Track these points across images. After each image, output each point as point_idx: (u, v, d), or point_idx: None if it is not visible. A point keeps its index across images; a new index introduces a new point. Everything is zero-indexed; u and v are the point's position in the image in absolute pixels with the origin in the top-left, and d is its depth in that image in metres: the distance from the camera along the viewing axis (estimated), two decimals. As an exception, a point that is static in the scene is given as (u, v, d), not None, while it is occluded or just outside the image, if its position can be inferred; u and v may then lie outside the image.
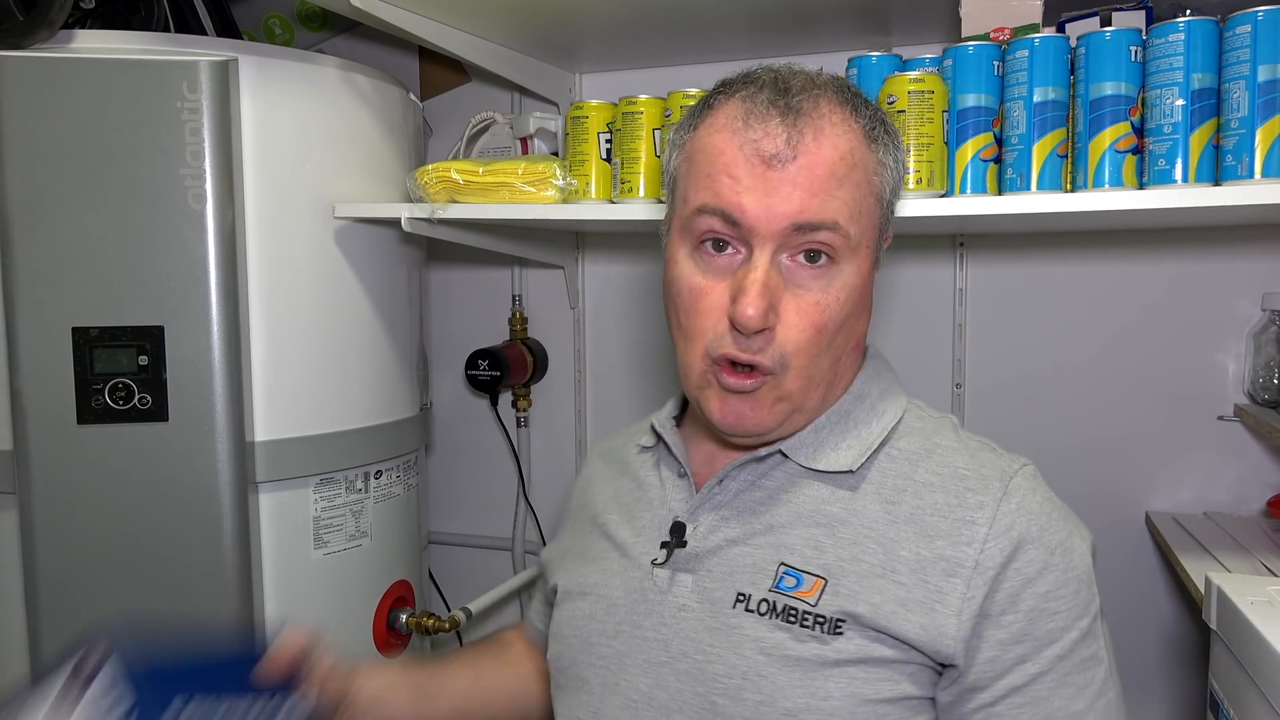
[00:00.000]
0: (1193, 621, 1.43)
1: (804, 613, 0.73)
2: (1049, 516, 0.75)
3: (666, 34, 1.45)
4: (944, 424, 0.83)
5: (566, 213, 1.27)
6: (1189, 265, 1.41)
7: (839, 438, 0.80)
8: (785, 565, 0.75)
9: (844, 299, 0.75)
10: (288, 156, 1.24)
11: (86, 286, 1.14)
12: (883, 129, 0.78)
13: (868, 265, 0.78)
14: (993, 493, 0.74)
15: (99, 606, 1.17)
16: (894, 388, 0.85)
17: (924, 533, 0.74)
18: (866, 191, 0.75)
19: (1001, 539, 0.73)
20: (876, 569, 0.74)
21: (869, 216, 0.76)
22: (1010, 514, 0.74)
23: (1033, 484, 0.77)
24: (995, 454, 0.79)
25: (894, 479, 0.78)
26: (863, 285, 0.77)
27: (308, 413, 1.27)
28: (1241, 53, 0.93)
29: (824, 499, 0.78)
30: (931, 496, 0.76)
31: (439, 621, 1.43)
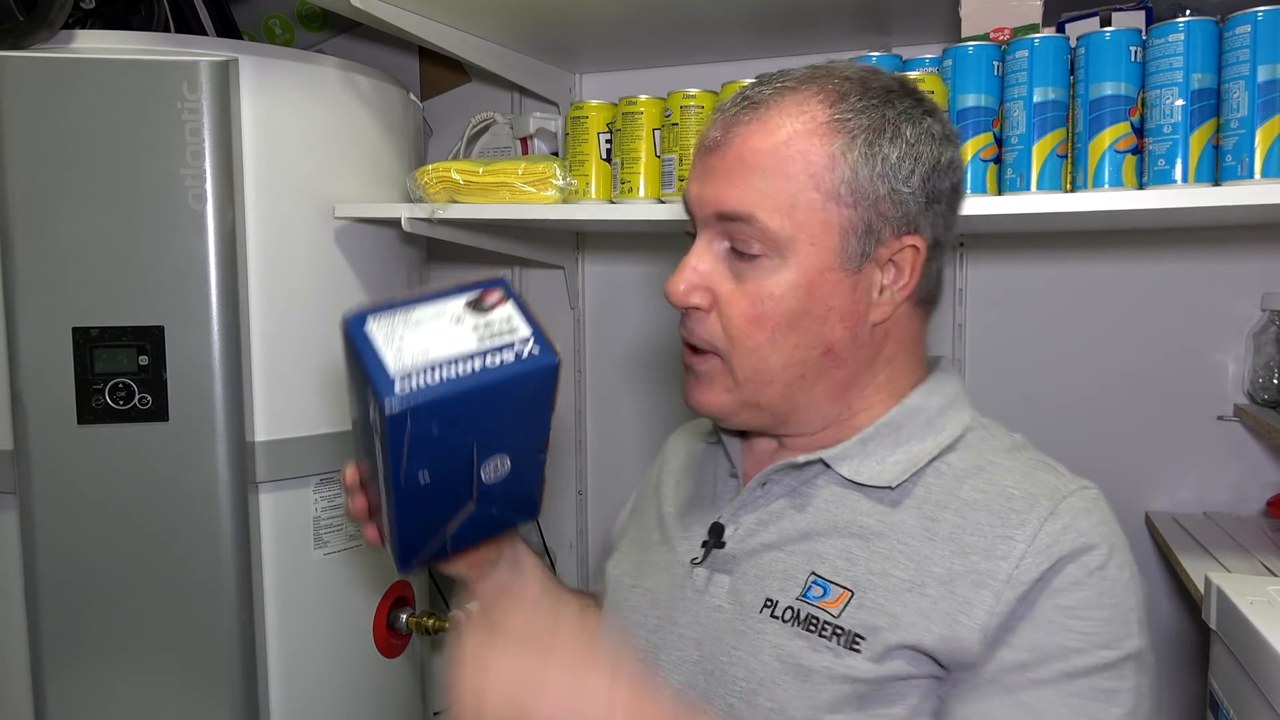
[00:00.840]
0: (1193, 621, 1.43)
1: (825, 623, 0.72)
2: (1102, 539, 0.70)
3: (666, 34, 1.45)
4: (1005, 442, 0.78)
5: (566, 213, 1.27)
6: (1189, 265, 1.41)
7: (887, 451, 0.76)
8: (815, 574, 0.74)
9: (780, 295, 0.71)
10: (288, 156, 1.24)
11: (86, 286, 1.14)
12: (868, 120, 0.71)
13: (818, 264, 0.71)
14: (1039, 511, 0.71)
15: (99, 606, 1.17)
16: (958, 403, 0.80)
17: (960, 549, 0.71)
18: (804, 186, 0.70)
19: (1040, 555, 0.69)
20: (905, 584, 0.71)
21: (810, 212, 0.70)
22: (1055, 532, 0.69)
23: (1090, 506, 0.72)
24: (1054, 474, 0.75)
25: (938, 494, 0.74)
26: (810, 286, 0.71)
27: (308, 413, 1.27)
28: (1241, 53, 0.93)
29: (863, 511, 0.75)
30: (974, 515, 0.72)
31: (439, 621, 1.43)
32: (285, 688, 1.26)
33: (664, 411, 1.72)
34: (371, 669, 1.39)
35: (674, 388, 1.71)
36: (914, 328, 0.79)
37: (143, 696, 1.18)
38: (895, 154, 0.71)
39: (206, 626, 1.18)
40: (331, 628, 1.32)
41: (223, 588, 1.18)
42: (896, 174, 0.72)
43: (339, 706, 1.34)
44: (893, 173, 0.72)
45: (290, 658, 1.27)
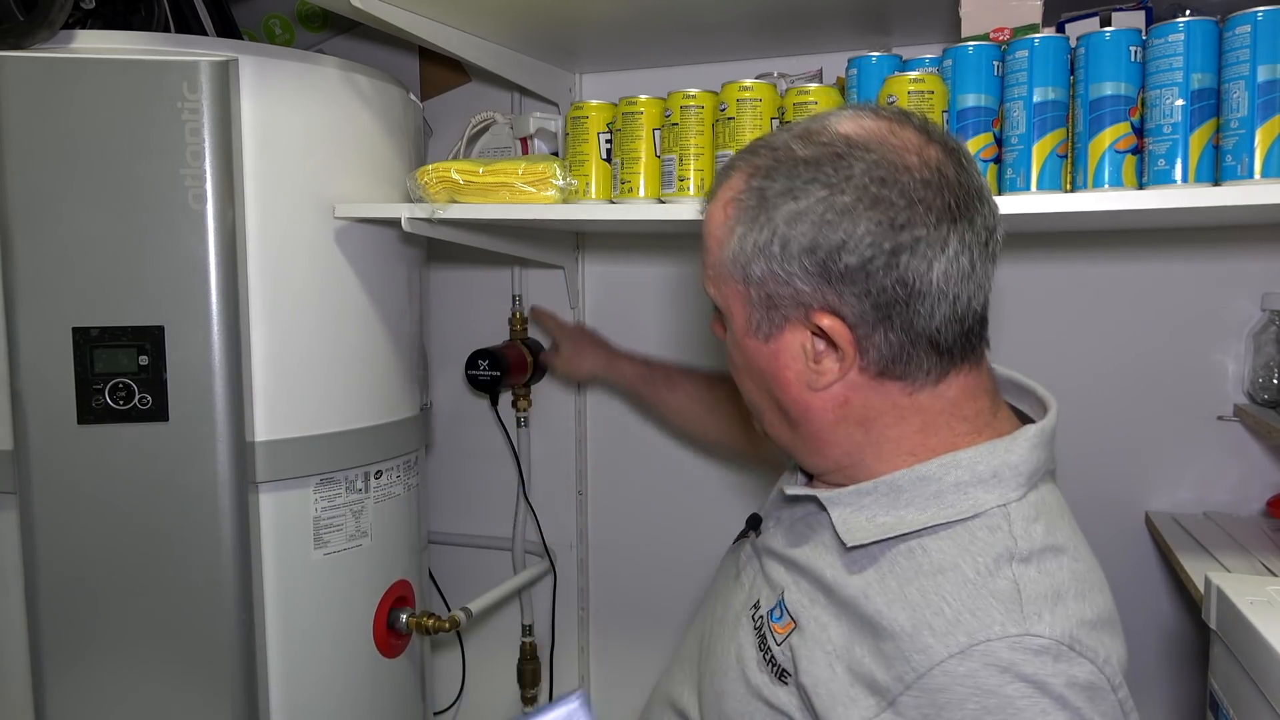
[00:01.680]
0: (1193, 621, 1.43)
1: (769, 647, 0.76)
2: (1007, 705, 0.61)
3: (666, 34, 1.45)
4: (1001, 551, 0.68)
5: (566, 213, 1.27)
6: (1189, 265, 1.41)
7: (879, 510, 0.73)
8: (784, 597, 0.77)
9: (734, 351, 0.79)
10: (288, 156, 1.24)
11: (86, 286, 1.14)
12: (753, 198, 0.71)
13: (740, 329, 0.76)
14: (949, 645, 0.64)
15: (99, 606, 1.17)
16: (992, 483, 0.71)
17: (876, 648, 0.68)
18: (717, 258, 0.75)
19: (921, 696, 0.64)
20: (831, 647, 0.71)
21: (725, 284, 0.75)
22: (951, 675, 0.63)
23: (1019, 660, 0.62)
24: (1010, 608, 0.64)
25: (890, 579, 0.70)
26: (743, 349, 0.77)
27: (308, 413, 1.27)
28: (1241, 53, 0.93)
29: (829, 563, 0.75)
30: (896, 616, 0.67)
31: (439, 621, 1.43)
32: (285, 688, 1.26)
33: (664, 411, 1.72)
34: (371, 669, 1.39)
35: (674, 388, 1.71)
36: (886, 401, 0.73)
37: (143, 696, 1.18)
38: (765, 236, 0.70)
39: (206, 626, 1.18)
40: (331, 628, 1.32)
41: (223, 588, 1.18)
42: (771, 257, 0.70)
43: (339, 706, 1.34)
44: (765, 256, 0.70)
45: (290, 658, 1.27)
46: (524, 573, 1.76)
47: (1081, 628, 0.65)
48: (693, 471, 1.71)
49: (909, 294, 0.68)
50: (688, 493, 1.71)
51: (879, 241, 0.67)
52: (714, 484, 1.70)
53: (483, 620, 1.86)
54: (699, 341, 1.67)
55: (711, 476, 1.70)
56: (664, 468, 1.73)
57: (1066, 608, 0.66)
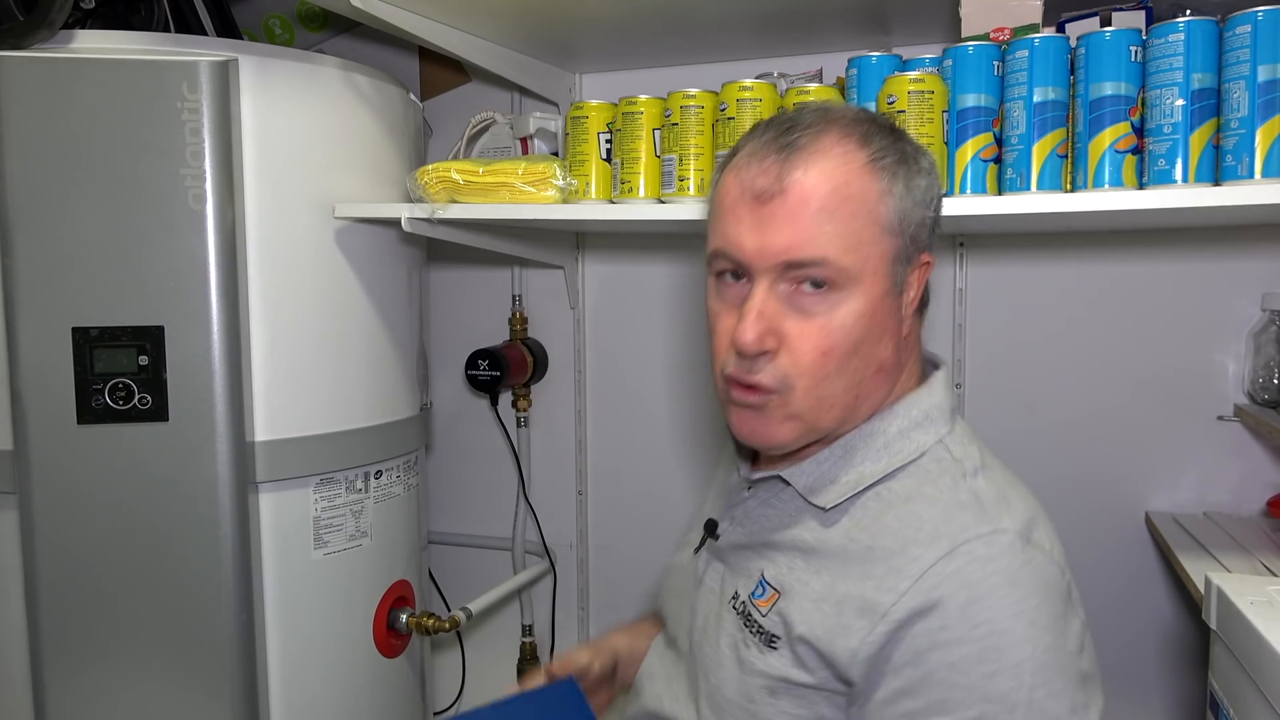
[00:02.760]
0: (1193, 621, 1.43)
1: (755, 621, 0.81)
2: (991, 590, 0.71)
3: (666, 34, 1.45)
4: (952, 470, 0.79)
5: (566, 213, 1.27)
6: (1189, 265, 1.41)
7: (839, 471, 0.81)
8: (763, 575, 0.83)
9: (850, 324, 0.76)
10: (288, 156, 1.24)
11: (86, 286, 1.14)
12: (896, 156, 0.77)
13: (879, 291, 0.77)
14: (936, 550, 0.73)
15: (99, 606, 1.17)
16: (926, 424, 0.82)
17: (866, 573, 0.75)
18: (866, 222, 0.75)
19: (919, 596, 0.72)
20: (814, 595, 0.78)
21: (872, 246, 0.76)
22: (941, 574, 0.72)
23: (994, 553, 0.73)
24: (976, 512, 0.75)
25: (866, 519, 0.78)
26: (873, 311, 0.77)
27: (308, 413, 1.27)
28: (1241, 53, 0.93)
29: (807, 528, 0.82)
30: (884, 540, 0.76)
31: (439, 621, 1.43)
32: (285, 688, 1.26)
33: (664, 411, 1.72)
34: (371, 669, 1.39)
35: (674, 388, 1.71)
36: (917, 334, 0.86)
37: (143, 696, 1.18)
38: (924, 183, 0.79)
39: (206, 626, 1.18)
40: (331, 628, 1.32)
41: (223, 588, 1.18)
42: (926, 200, 0.79)
43: (339, 706, 1.34)
44: (924, 200, 0.79)
45: (290, 658, 1.27)
46: (524, 573, 1.77)
47: (1029, 524, 0.76)
48: (692, 471, 1.71)
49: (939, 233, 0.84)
50: (687, 493, 1.71)
51: (939, 190, 0.83)
52: (714, 484, 1.70)
53: (483, 620, 1.86)
54: (699, 341, 1.68)
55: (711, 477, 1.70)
56: (664, 468, 1.73)
57: (1014, 507, 0.77)
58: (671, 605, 0.98)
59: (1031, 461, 0.88)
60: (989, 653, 0.70)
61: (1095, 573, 1.44)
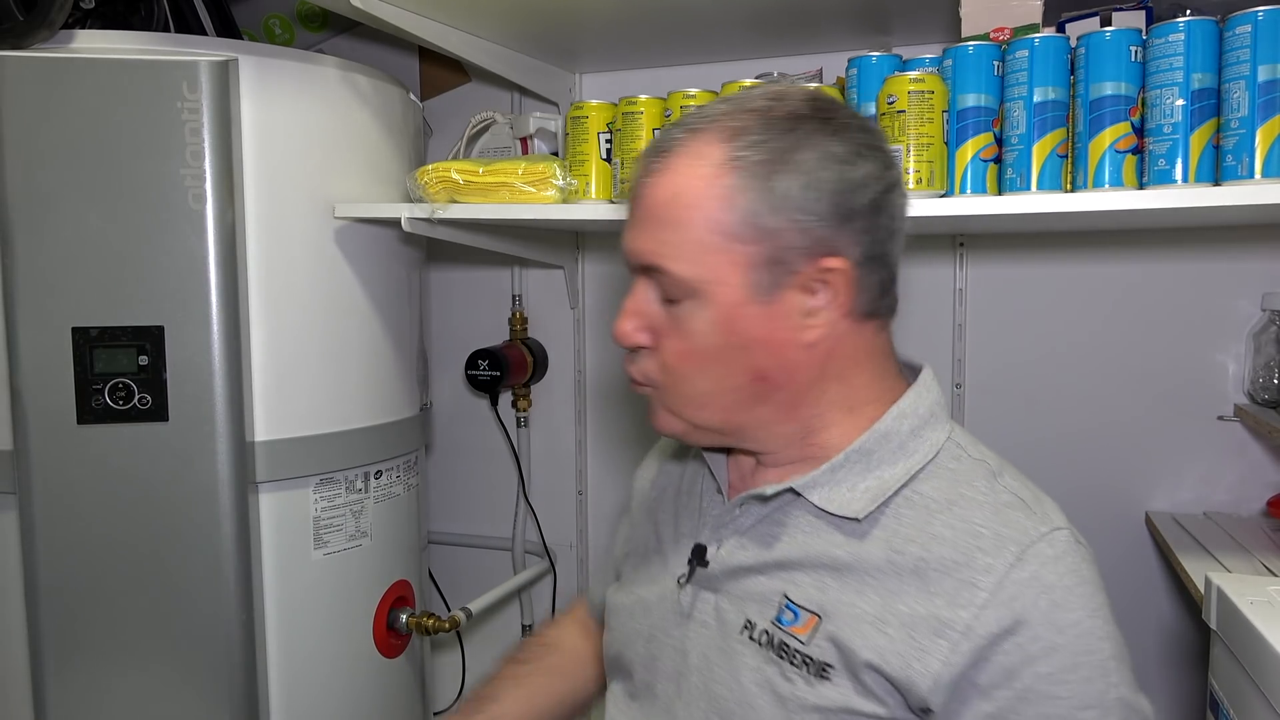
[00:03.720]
0: (1193, 621, 1.43)
1: (795, 650, 0.74)
2: (1069, 592, 0.69)
3: (666, 34, 1.45)
4: (979, 469, 0.76)
5: (566, 213, 1.27)
6: (1189, 265, 1.41)
7: (858, 478, 0.76)
8: (788, 598, 0.75)
9: (706, 331, 0.73)
10: (288, 156, 1.24)
11: (86, 286, 1.14)
12: (765, 154, 0.71)
13: (734, 300, 0.72)
14: (1005, 557, 0.69)
15: (99, 606, 1.17)
16: (933, 422, 0.78)
17: (926, 589, 0.70)
18: (704, 231, 0.71)
19: (1001, 609, 0.68)
20: (869, 617, 0.71)
21: (716, 255, 0.71)
22: (1019, 583, 0.68)
23: (1060, 552, 0.70)
24: (1026, 512, 0.72)
25: (907, 528, 0.73)
26: (729, 321, 0.72)
27: (308, 413, 1.27)
28: (1241, 53, 0.93)
29: (834, 543, 0.75)
30: (940, 550, 0.71)
31: (439, 621, 1.43)
32: (285, 688, 1.26)
33: (664, 411, 1.72)
34: (371, 669, 1.39)
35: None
36: (863, 343, 0.76)
37: (143, 696, 1.18)
38: (793, 185, 0.70)
39: (206, 626, 1.18)
40: (331, 628, 1.32)
41: (223, 588, 1.18)
42: (796, 204, 0.71)
43: (339, 706, 1.34)
44: (791, 204, 0.70)
45: (290, 658, 1.27)
46: (524, 573, 1.76)
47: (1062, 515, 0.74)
48: (693, 471, 1.71)
49: (894, 231, 0.75)
50: (688, 493, 1.71)
51: (882, 178, 0.73)
52: (714, 484, 1.70)
53: (483, 620, 1.86)
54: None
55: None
56: (664, 468, 1.73)
57: (1047, 503, 0.75)
58: (639, 649, 0.86)
59: (1031, 461, 0.88)
60: (1081, 656, 0.68)
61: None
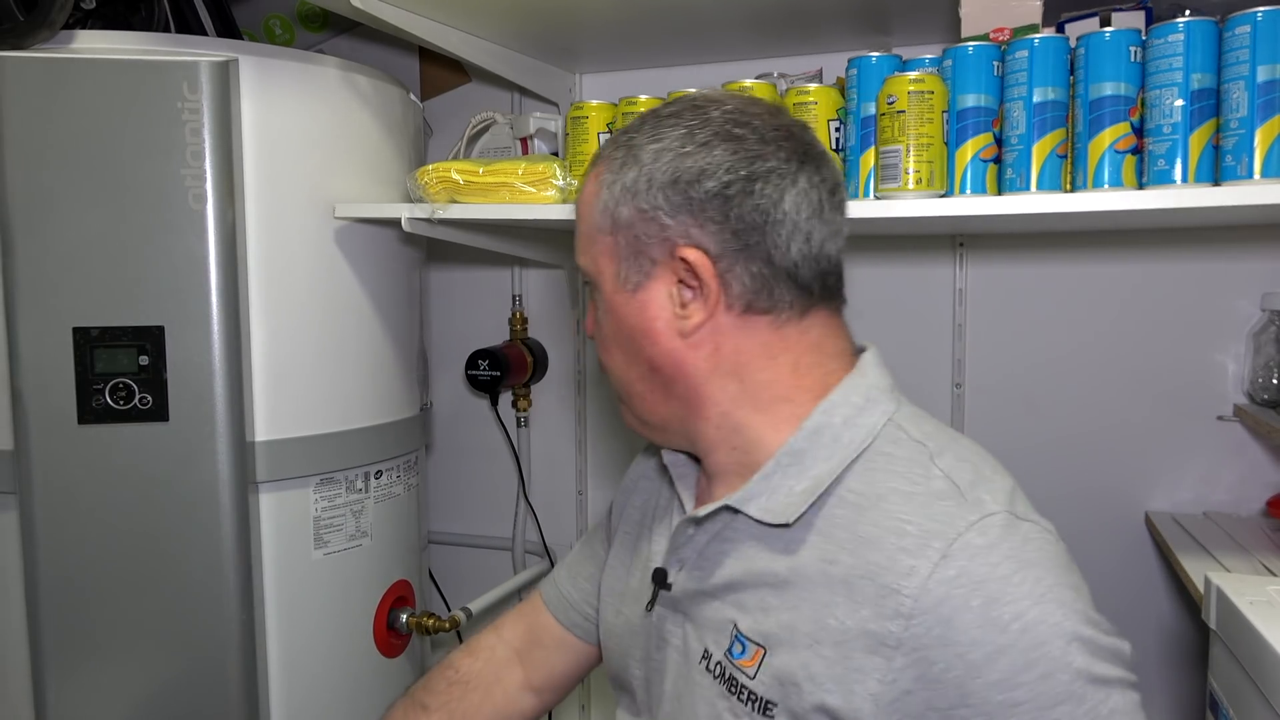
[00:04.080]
0: (1192, 621, 1.43)
1: (742, 685, 0.71)
2: (1004, 583, 0.63)
3: (666, 34, 1.45)
4: (916, 453, 0.71)
5: (566, 213, 1.27)
6: (1189, 265, 1.41)
7: (793, 481, 0.72)
8: (737, 628, 0.73)
9: (603, 321, 0.80)
10: (288, 156, 1.24)
11: (87, 286, 1.14)
12: (621, 151, 0.75)
13: (610, 289, 0.77)
14: (929, 556, 0.64)
15: (99, 606, 1.17)
16: (869, 406, 0.73)
17: (853, 597, 0.66)
18: (587, 225, 0.78)
19: (929, 616, 0.63)
20: (806, 639, 0.68)
21: (594, 245, 0.78)
22: (945, 583, 0.63)
23: (992, 540, 0.65)
24: (957, 500, 0.67)
25: (839, 530, 0.69)
26: (612, 310, 0.77)
27: (308, 413, 1.27)
28: (1241, 53, 0.93)
29: (772, 557, 0.72)
30: (866, 555, 0.67)
31: (439, 621, 1.43)
32: (285, 688, 1.26)
33: (664, 411, 1.72)
34: (371, 669, 1.39)
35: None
36: (756, 338, 0.73)
37: (143, 696, 1.18)
38: (635, 175, 0.73)
39: (206, 626, 1.18)
40: (331, 628, 1.32)
41: (223, 588, 1.18)
42: (640, 194, 0.73)
43: (339, 706, 1.34)
44: (636, 194, 0.73)
45: (290, 658, 1.27)
46: (524, 573, 1.76)
47: (1010, 497, 0.69)
48: (693, 471, 1.71)
49: (765, 221, 0.71)
50: (688, 493, 1.71)
51: (736, 168, 0.71)
52: (714, 484, 1.70)
53: (483, 620, 1.85)
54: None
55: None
56: (664, 468, 1.73)
57: (991, 482, 0.70)
58: (635, 672, 0.85)
59: (1031, 462, 0.88)
60: (1032, 653, 0.62)
61: (1095, 572, 1.42)
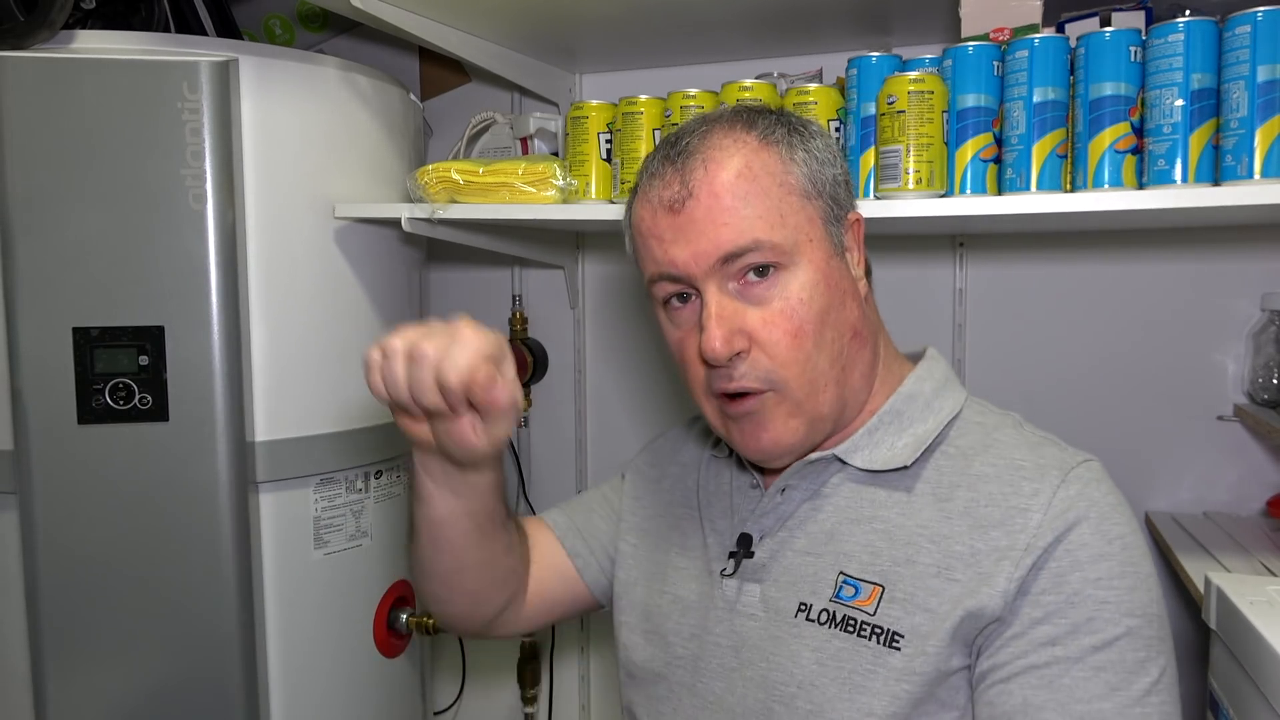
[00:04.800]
0: (1193, 621, 1.43)
1: (863, 623, 0.74)
2: (1113, 509, 0.73)
3: (666, 34, 1.45)
4: (1006, 420, 0.82)
5: (566, 213, 1.27)
6: (1189, 265, 1.41)
7: (894, 437, 0.80)
8: (844, 574, 0.77)
9: (809, 297, 0.75)
10: (288, 156, 1.24)
11: (87, 286, 1.14)
12: (783, 129, 0.78)
13: (823, 255, 0.77)
14: (1050, 480, 0.74)
15: (99, 607, 1.17)
16: (949, 386, 0.84)
17: (978, 524, 0.74)
18: (782, 195, 0.75)
19: (1056, 520, 0.72)
20: (931, 569, 0.74)
21: (798, 214, 0.76)
22: (1067, 499, 0.72)
23: (1097, 476, 0.76)
24: (1059, 448, 0.78)
25: (950, 475, 0.77)
26: (825, 277, 0.77)
27: (308, 413, 1.27)
28: (1241, 53, 0.93)
29: (880, 502, 0.78)
30: (986, 488, 0.75)
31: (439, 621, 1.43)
32: (285, 688, 1.26)
33: (663, 411, 1.72)
34: (371, 669, 1.39)
35: (673, 388, 1.71)
36: (872, 308, 0.85)
37: (143, 696, 1.18)
38: (819, 143, 0.79)
39: (206, 626, 1.18)
40: (331, 628, 1.32)
41: (223, 588, 1.18)
42: (829, 159, 0.80)
43: (339, 706, 1.34)
44: (828, 158, 0.79)
45: (290, 658, 1.27)
46: (524, 573, 1.76)
47: None
48: (693, 471, 1.71)
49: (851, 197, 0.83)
50: (688, 493, 1.71)
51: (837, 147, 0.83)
52: (714, 484, 1.70)
53: (483, 620, 1.86)
54: (699, 341, 1.67)
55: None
56: (664, 468, 1.73)
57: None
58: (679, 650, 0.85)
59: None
60: (1127, 566, 0.71)
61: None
